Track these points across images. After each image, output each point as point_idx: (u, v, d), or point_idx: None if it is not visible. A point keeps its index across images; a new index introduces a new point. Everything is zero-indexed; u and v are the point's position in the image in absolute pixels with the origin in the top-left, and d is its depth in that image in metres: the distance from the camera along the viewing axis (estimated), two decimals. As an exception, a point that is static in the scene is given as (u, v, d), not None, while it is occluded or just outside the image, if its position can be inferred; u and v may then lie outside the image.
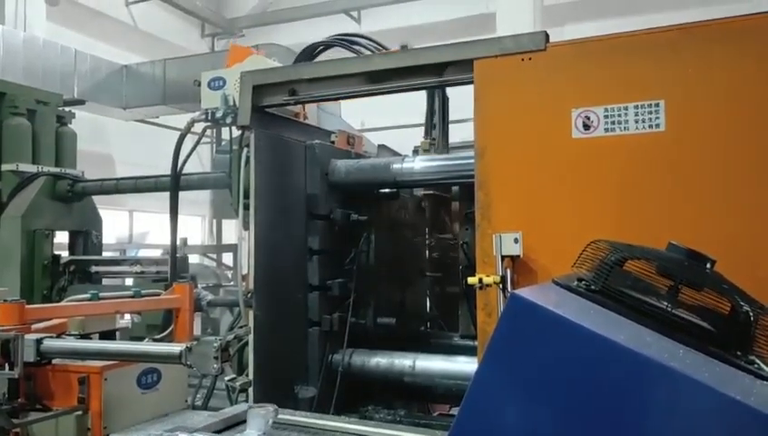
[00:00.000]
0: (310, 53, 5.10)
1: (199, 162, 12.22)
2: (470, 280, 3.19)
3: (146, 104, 11.34)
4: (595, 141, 3.06)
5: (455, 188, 4.85)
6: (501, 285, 3.09)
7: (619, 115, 3.02)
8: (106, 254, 7.14)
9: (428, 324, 5.23)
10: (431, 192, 4.90)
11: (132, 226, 13.56)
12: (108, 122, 11.96)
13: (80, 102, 8.50)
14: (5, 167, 6.00)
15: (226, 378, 2.70)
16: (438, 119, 4.74)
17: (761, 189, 2.78)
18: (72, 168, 6.47)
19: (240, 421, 2.97)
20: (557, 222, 3.10)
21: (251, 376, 3.65)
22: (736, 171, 2.83)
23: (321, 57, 5.13)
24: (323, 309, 4.21)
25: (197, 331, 4.92)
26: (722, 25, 2.91)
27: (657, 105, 2.95)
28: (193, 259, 10.02)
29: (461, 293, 4.49)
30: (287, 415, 2.95)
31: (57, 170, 6.24)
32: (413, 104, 5.60)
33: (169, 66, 11.05)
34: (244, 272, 3.97)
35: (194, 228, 14.78)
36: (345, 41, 5.06)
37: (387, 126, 10.32)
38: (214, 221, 14.80)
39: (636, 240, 1.96)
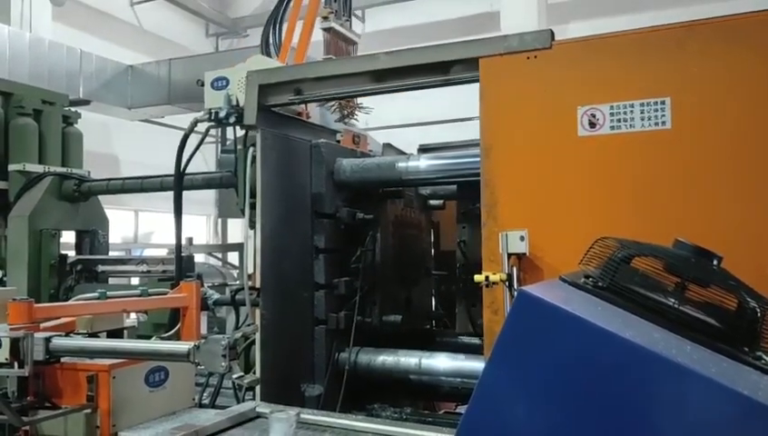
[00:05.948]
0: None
1: (203, 161, 12.26)
2: (476, 277, 3.19)
3: (151, 103, 11.37)
4: (601, 139, 3.06)
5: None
6: (507, 283, 3.10)
7: (625, 113, 3.02)
8: (112, 254, 7.15)
9: (434, 322, 5.24)
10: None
11: (137, 226, 13.61)
12: (114, 122, 12.00)
13: (86, 102, 8.55)
14: (12, 167, 6.01)
15: (233, 376, 2.70)
16: None
17: None
18: (78, 168, 6.48)
19: (247, 419, 2.99)
20: (563, 219, 3.11)
21: (258, 374, 3.66)
22: (743, 168, 2.83)
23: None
24: (329, 307, 4.22)
25: (203, 329, 4.92)
26: (727, 22, 2.91)
27: (663, 103, 2.95)
28: (198, 258, 10.04)
29: (457, 291, 4.50)
30: (305, 415, 2.96)
31: (64, 170, 6.24)
32: (419, 103, 5.62)
33: (174, 66, 11.08)
34: (250, 271, 3.98)
35: (199, 227, 14.81)
36: None
37: (392, 125, 10.31)
38: (219, 220, 14.84)
39: (643, 237, 1.95)
